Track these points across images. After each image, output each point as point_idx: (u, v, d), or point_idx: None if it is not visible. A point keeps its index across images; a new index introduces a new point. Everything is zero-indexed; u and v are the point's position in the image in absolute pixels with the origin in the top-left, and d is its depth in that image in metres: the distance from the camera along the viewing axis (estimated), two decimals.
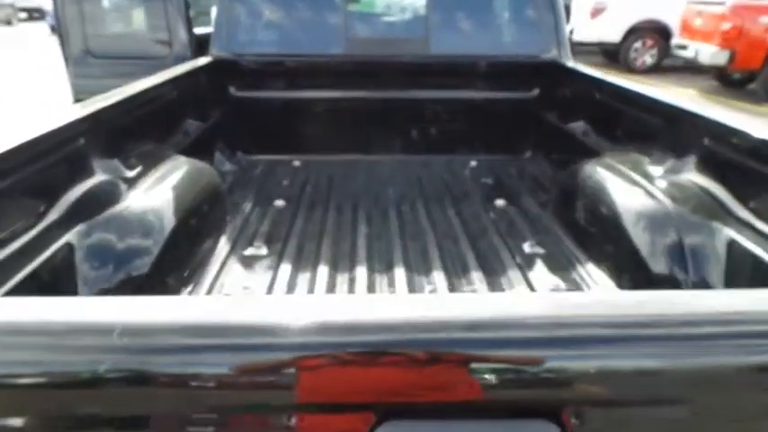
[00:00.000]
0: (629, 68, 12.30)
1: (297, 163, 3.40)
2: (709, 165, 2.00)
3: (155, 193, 2.00)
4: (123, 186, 1.98)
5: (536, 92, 3.48)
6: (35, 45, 16.01)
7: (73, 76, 3.66)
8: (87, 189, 1.85)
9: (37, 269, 1.48)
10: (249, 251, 2.22)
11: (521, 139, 3.55)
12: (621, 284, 1.95)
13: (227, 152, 3.29)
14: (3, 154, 1.43)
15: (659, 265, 1.85)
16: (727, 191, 1.89)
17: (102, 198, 1.87)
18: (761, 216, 1.73)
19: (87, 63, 3.64)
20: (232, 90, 3.41)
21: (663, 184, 2.07)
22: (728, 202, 1.86)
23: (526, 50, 3.39)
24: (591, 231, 2.20)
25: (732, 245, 1.75)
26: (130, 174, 2.08)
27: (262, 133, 3.50)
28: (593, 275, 2.05)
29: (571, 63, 3.25)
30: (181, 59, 3.42)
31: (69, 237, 1.65)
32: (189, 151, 2.75)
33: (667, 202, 1.94)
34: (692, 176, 2.04)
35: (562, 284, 1.98)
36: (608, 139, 2.74)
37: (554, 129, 3.25)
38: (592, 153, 2.70)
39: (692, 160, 2.08)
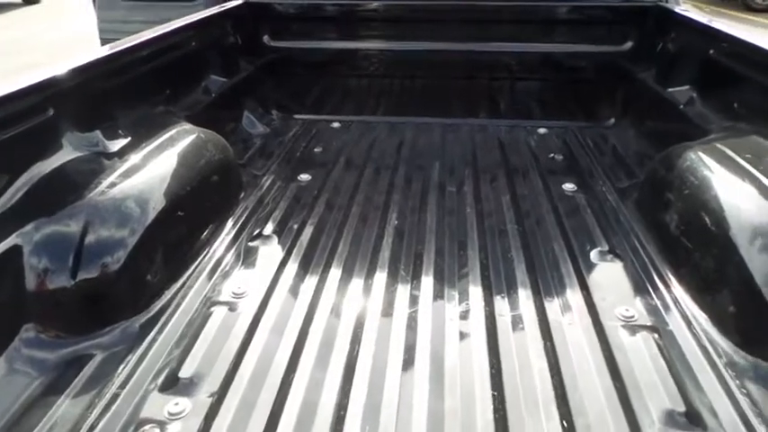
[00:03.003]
0: (748, 7, 10.61)
1: (336, 125, 2.99)
2: None
3: (141, 173, 1.68)
4: (103, 164, 1.68)
5: (629, 45, 2.80)
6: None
7: (100, 20, 3.38)
8: (53, 169, 1.56)
9: None
10: (254, 243, 1.87)
11: (603, 103, 2.92)
12: (720, 320, 1.44)
13: (258, 111, 2.92)
14: None
15: None
16: None
17: (72, 179, 1.58)
18: None
19: (115, 5, 3.34)
20: (266, 39, 3.00)
21: None
22: None
23: None
24: (685, 243, 1.66)
25: None
26: (114, 148, 1.76)
27: (299, 90, 3.09)
28: (682, 303, 1.54)
29: (680, 8, 2.55)
30: (212, 3, 3.04)
31: (21, 227, 1.38)
32: (209, 112, 2.42)
33: None
34: None
35: (635, 313, 1.50)
36: (721, 114, 2.11)
37: (648, 93, 2.61)
38: (696, 130, 2.09)
39: None
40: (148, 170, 1.71)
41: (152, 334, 1.45)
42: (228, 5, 2.82)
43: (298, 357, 1.37)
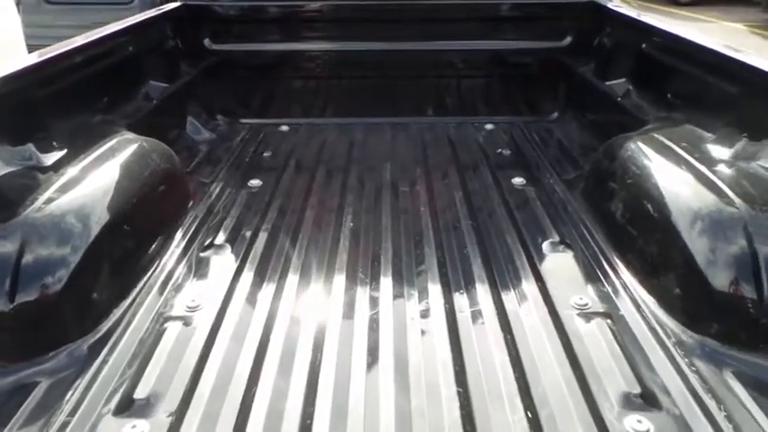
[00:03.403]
0: (674, 1, 11.21)
1: (284, 128, 2.94)
2: None
3: (80, 186, 1.59)
4: (38, 178, 1.58)
5: (568, 40, 2.90)
6: None
7: (25, 25, 3.19)
8: None
9: None
10: (206, 253, 1.81)
11: (547, 98, 3.01)
12: (667, 302, 1.51)
13: (202, 117, 2.84)
14: None
15: (721, 280, 1.40)
16: None
17: (3, 196, 1.48)
18: None
19: (40, 9, 3.15)
20: (207, 42, 2.91)
21: (731, 172, 1.59)
22: None
23: None
24: (631, 230, 1.73)
25: None
26: (49, 161, 1.67)
27: (244, 94, 3.03)
28: (632, 288, 1.60)
29: (612, 4, 2.65)
30: (149, 5, 2.92)
31: None
32: (151, 120, 2.33)
33: (736, 197, 1.46)
34: None
35: (588, 300, 1.55)
36: (656, 105, 2.21)
37: (588, 86, 2.70)
38: (635, 121, 2.19)
39: None
40: (89, 183, 1.62)
41: (102, 355, 1.37)
42: (166, 8, 2.72)
43: (259, 368, 1.33)
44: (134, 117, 2.26)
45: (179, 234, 1.90)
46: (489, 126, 2.93)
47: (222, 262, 1.77)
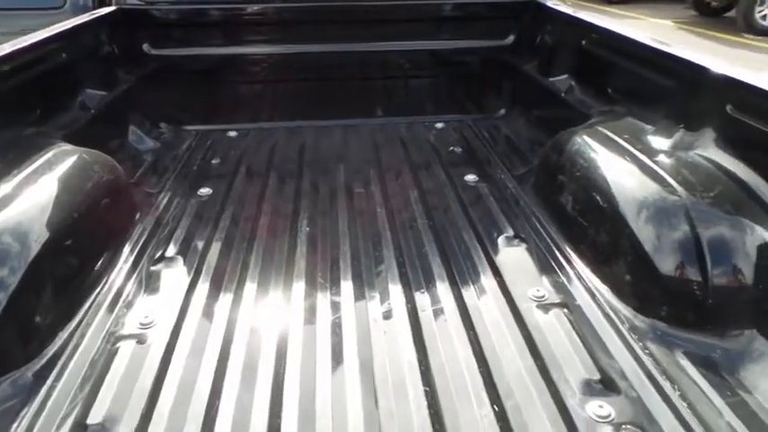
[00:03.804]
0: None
1: (232, 133, 2.87)
2: (732, 139, 1.59)
3: (16, 203, 1.50)
4: None
5: (511, 39, 2.97)
6: None
7: None
8: None
9: None
10: (157, 267, 1.74)
11: (493, 95, 3.07)
12: (619, 289, 1.57)
13: (145, 125, 2.73)
14: None
15: (668, 265, 1.47)
16: (755, 172, 1.49)
17: None
18: None
19: None
20: (146, 47, 2.81)
21: (671, 161, 1.66)
22: (757, 187, 1.47)
23: None
24: (581, 221, 1.79)
25: (762, 241, 1.39)
26: None
27: (188, 100, 2.93)
28: (585, 278, 1.65)
29: (552, 2, 2.73)
30: (81, 10, 2.79)
31: None
32: (90, 130, 2.22)
33: (677, 185, 1.53)
34: (710, 153, 1.63)
35: (545, 292, 1.59)
36: (598, 99, 2.30)
37: (532, 83, 2.77)
38: (579, 115, 2.26)
39: (708, 133, 1.66)
40: (24, 199, 1.53)
41: (49, 381, 1.29)
42: (100, 12, 2.60)
43: (221, 382, 1.29)
44: (71, 128, 2.15)
45: (127, 248, 1.82)
46: (439, 125, 2.96)
47: (175, 275, 1.71)
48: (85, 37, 2.44)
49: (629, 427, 1.17)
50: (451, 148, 2.69)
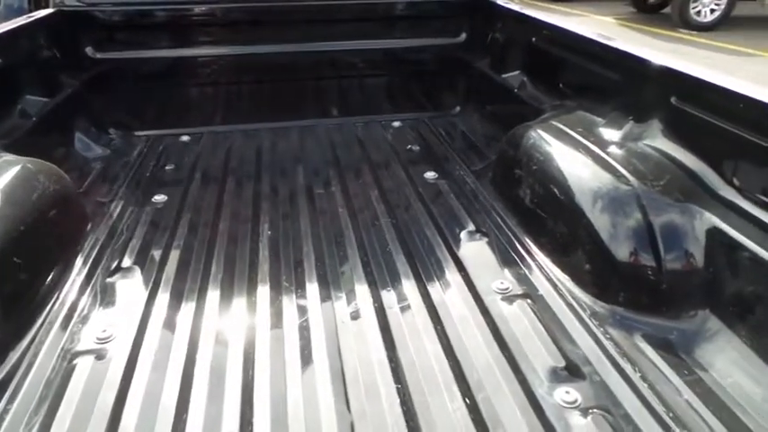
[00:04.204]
0: None
1: (185, 138, 2.79)
2: (678, 128, 1.66)
3: None
4: None
5: (463, 36, 3.01)
6: None
7: None
8: None
9: None
10: (113, 278, 1.68)
11: (448, 93, 3.10)
12: (579, 277, 1.61)
13: (92, 132, 2.62)
14: None
15: (623, 252, 1.52)
16: (700, 159, 1.56)
17: None
18: (740, 190, 1.43)
19: None
20: (89, 51, 2.70)
21: (622, 152, 1.73)
22: (703, 174, 1.54)
23: None
24: (540, 214, 1.83)
25: (710, 225, 1.46)
26: None
27: (137, 105, 2.83)
28: (546, 269, 1.69)
29: (503, 1, 2.78)
30: (16, 13, 2.65)
31: None
32: (33, 138, 2.11)
33: (629, 175, 1.59)
34: (658, 143, 1.70)
35: (509, 284, 1.62)
36: (549, 94, 2.36)
37: (485, 80, 2.82)
38: (532, 110, 2.31)
39: (656, 123, 1.73)
40: None
41: (1, 405, 1.23)
42: (37, 15, 2.48)
43: (187, 394, 1.25)
44: (11, 137, 2.04)
45: (79, 261, 1.74)
46: (396, 123, 2.98)
47: (132, 286, 1.64)
48: (22, 41, 2.32)
49: (595, 410, 1.21)
50: (409, 146, 2.70)
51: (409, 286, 1.63)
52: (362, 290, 1.61)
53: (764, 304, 1.30)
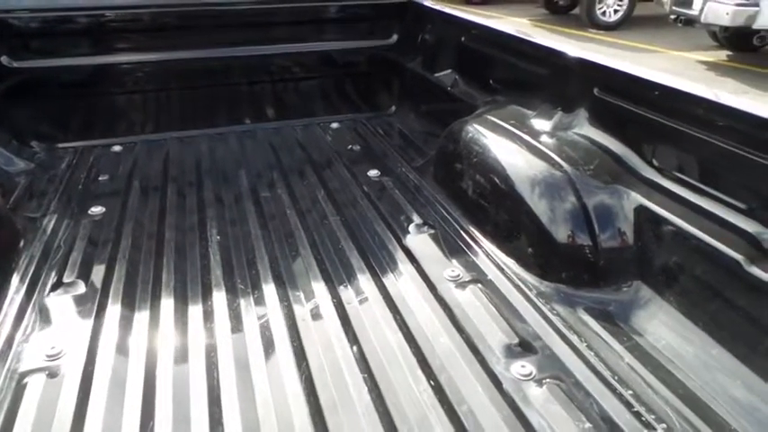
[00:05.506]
0: (466, 1, 12.44)
1: (117, 148, 2.69)
2: (602, 117, 1.80)
3: None
4: None
5: (395, 38, 3.09)
6: None
7: None
8: None
9: None
10: (56, 294, 1.60)
11: (383, 93, 3.18)
12: (524, 260, 1.72)
13: (13, 145, 2.47)
14: None
15: (562, 234, 1.65)
16: (623, 144, 1.71)
17: None
18: (660, 170, 1.58)
19: None
20: (5, 60, 2.54)
21: (554, 141, 1.86)
22: (627, 157, 1.68)
23: None
24: (483, 203, 1.93)
25: (637, 204, 1.60)
26: None
27: (61, 115, 2.70)
28: (493, 255, 1.79)
29: (430, 2, 2.89)
30: None
31: None
32: None
33: (562, 161, 1.72)
34: (585, 131, 1.84)
35: (459, 272, 1.70)
36: (481, 91, 2.48)
37: (419, 80, 2.92)
38: (465, 106, 2.42)
39: (582, 113, 1.87)
40: None
41: None
42: None
43: (151, 405, 1.23)
44: None
45: (15, 279, 1.65)
46: (335, 125, 3.01)
47: (78, 300, 1.58)
48: None
49: (549, 380, 1.30)
50: (350, 146, 2.75)
51: (365, 280, 1.67)
52: (320, 287, 1.63)
53: (688, 272, 1.45)
